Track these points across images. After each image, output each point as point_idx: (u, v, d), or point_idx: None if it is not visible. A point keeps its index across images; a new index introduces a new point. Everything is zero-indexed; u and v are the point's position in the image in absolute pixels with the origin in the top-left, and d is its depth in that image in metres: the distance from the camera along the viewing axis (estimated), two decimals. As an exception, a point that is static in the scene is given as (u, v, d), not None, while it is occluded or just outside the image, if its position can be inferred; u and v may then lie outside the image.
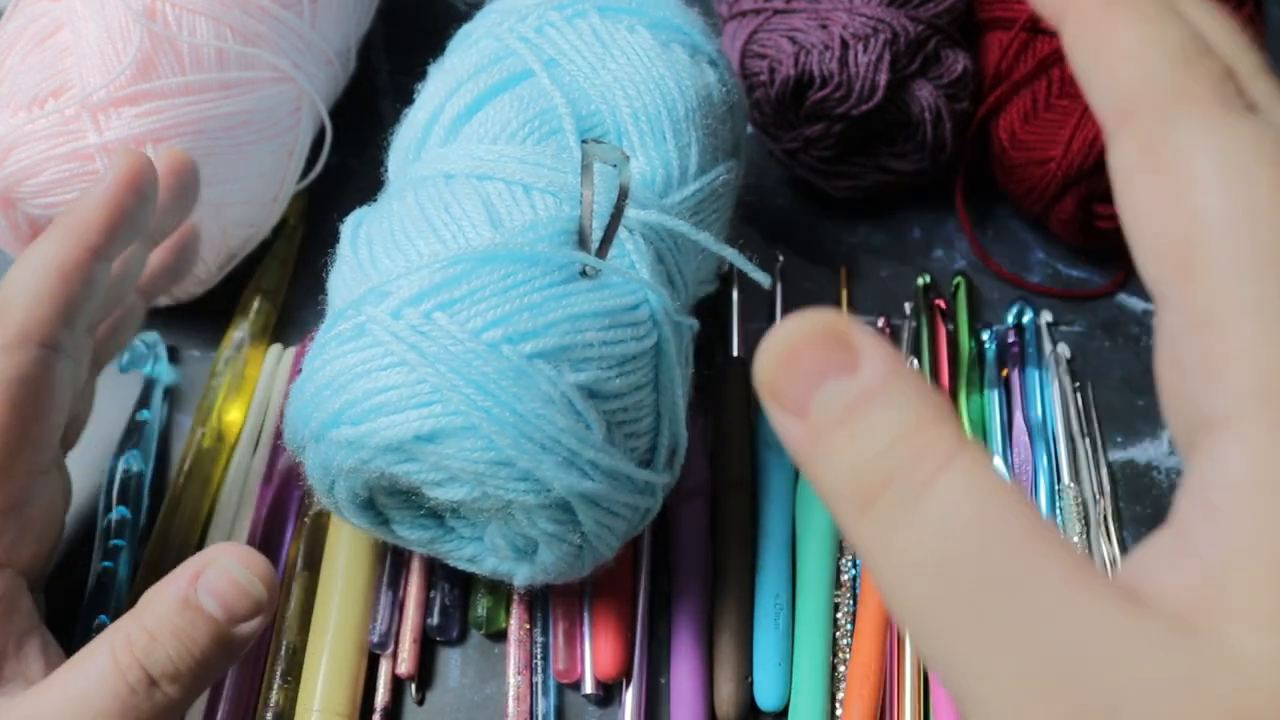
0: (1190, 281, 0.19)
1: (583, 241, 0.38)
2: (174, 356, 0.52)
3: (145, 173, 0.39)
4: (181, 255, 0.46)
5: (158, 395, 0.50)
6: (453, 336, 0.35)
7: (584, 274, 0.38)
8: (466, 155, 0.41)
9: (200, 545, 0.46)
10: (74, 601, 0.43)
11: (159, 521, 0.46)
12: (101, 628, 0.42)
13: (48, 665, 0.35)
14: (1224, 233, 0.19)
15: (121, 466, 0.46)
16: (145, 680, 0.31)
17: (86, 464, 0.46)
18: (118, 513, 0.45)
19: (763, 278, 0.40)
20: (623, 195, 0.36)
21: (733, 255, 0.40)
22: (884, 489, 0.19)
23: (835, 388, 0.20)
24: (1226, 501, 0.18)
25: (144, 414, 0.49)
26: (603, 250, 0.38)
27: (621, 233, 0.39)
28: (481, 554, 0.41)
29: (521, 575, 0.40)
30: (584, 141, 0.36)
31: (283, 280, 0.54)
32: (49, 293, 0.36)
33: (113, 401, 0.48)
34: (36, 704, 0.32)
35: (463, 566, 0.42)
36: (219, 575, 0.32)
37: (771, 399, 0.21)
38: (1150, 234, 0.20)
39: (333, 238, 0.42)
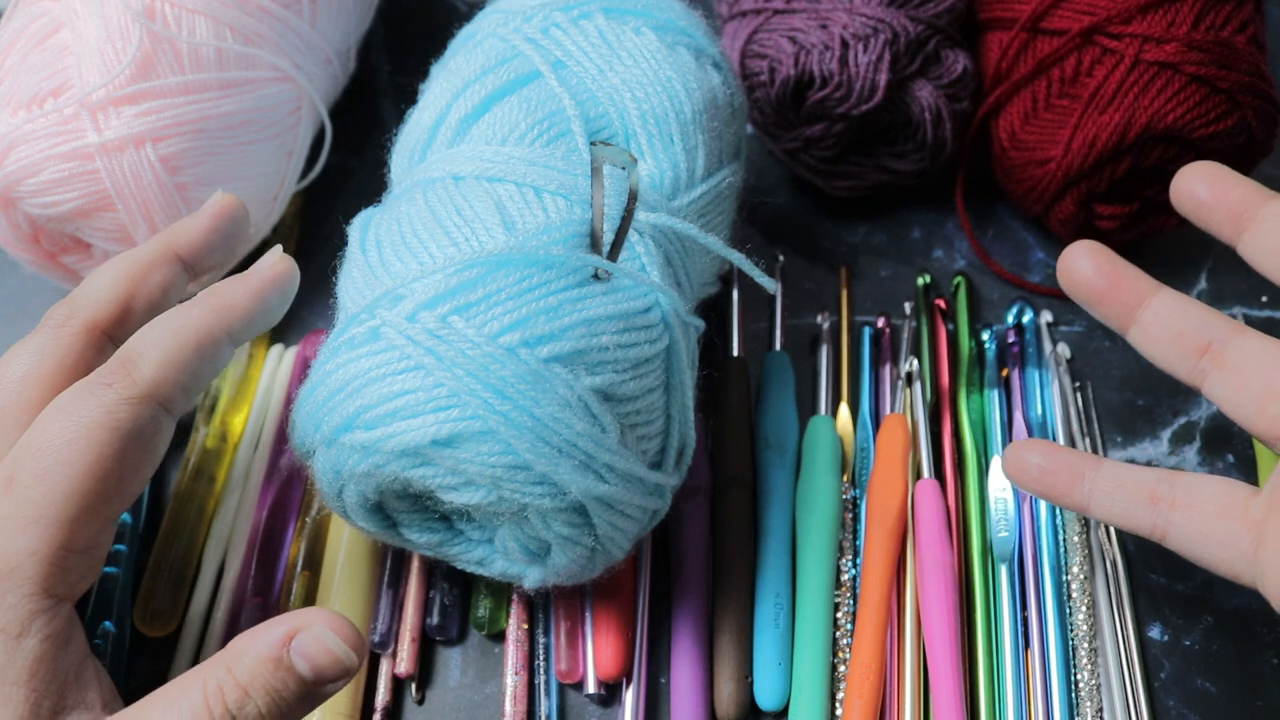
0: None
1: (594, 244, 0.38)
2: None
3: (290, 275, 0.40)
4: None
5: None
6: (470, 340, 0.35)
7: (596, 277, 0.38)
8: (475, 157, 0.41)
9: (205, 545, 0.46)
10: (77, 607, 0.43)
11: (165, 521, 0.45)
12: (106, 634, 0.42)
13: (100, 690, 0.35)
14: None
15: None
16: None
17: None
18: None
19: (768, 282, 0.40)
20: (633, 198, 0.36)
21: (739, 260, 0.40)
22: None
23: None
24: None
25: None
26: (614, 253, 0.38)
27: (632, 235, 0.39)
28: (491, 556, 0.41)
29: (532, 578, 0.40)
30: (592, 144, 0.36)
31: (282, 280, 0.54)
32: (184, 362, 0.37)
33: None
34: None
35: (471, 569, 0.41)
36: (313, 641, 0.33)
37: None
38: None
39: (332, 237, 0.42)
